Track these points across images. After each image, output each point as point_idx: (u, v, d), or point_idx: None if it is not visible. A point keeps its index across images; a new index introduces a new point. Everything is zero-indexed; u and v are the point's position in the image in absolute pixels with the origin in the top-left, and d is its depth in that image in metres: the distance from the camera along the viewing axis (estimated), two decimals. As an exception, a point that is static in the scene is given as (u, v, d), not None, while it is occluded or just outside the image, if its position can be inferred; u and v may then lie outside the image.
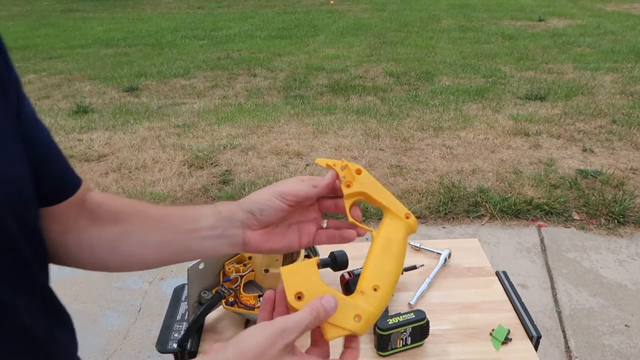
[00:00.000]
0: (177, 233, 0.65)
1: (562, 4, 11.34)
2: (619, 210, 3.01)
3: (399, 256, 0.61)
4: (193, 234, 0.65)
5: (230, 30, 9.28)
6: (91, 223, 0.66)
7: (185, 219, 0.66)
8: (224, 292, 1.06)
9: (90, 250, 0.66)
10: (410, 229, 0.63)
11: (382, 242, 0.61)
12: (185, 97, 5.49)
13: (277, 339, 0.48)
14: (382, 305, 0.57)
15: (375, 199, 0.63)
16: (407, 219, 0.62)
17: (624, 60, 6.37)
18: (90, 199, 0.67)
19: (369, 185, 0.63)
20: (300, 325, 0.50)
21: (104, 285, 2.56)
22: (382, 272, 0.59)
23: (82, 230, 0.66)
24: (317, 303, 0.52)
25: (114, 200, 0.69)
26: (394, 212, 0.62)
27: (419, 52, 7.12)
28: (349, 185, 0.62)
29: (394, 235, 0.61)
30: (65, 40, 8.88)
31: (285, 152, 3.89)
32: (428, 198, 3.21)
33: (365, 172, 0.63)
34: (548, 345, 2.14)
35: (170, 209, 0.68)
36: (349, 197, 0.63)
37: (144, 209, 0.68)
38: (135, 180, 3.55)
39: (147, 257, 0.67)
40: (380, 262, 0.60)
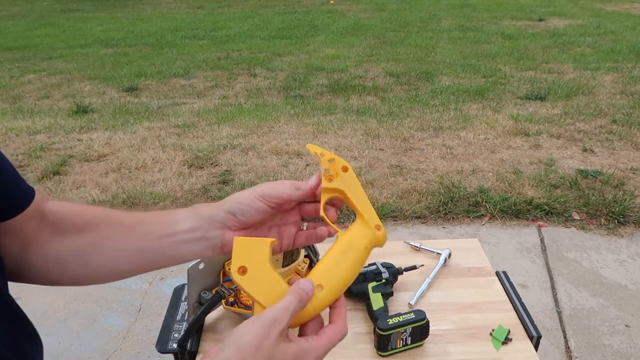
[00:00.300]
0: (151, 240, 0.63)
1: (562, 4, 11.34)
2: (619, 210, 3.01)
3: (354, 263, 0.59)
4: (168, 239, 0.62)
5: (230, 30, 9.28)
6: (55, 234, 0.63)
7: (160, 225, 0.63)
8: (224, 292, 1.06)
9: (57, 263, 0.63)
10: (377, 241, 0.61)
11: (342, 245, 0.60)
12: (185, 97, 5.49)
13: (270, 329, 0.49)
14: (321, 306, 0.56)
15: (352, 201, 0.61)
16: (377, 231, 0.61)
17: (624, 60, 6.37)
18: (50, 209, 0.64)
19: (350, 186, 0.61)
20: (288, 310, 0.51)
21: (104, 285, 2.54)
22: (332, 273, 0.58)
23: (46, 243, 0.63)
24: (296, 287, 0.54)
25: (79, 208, 0.66)
26: (365, 219, 0.61)
27: (419, 52, 7.12)
28: (330, 180, 0.61)
29: (357, 242, 0.60)
30: (65, 40, 8.88)
31: (285, 152, 3.89)
32: (428, 198, 3.21)
33: (352, 171, 0.62)
34: (548, 346, 2.14)
35: (143, 214, 0.65)
36: (326, 191, 0.61)
37: (113, 217, 0.65)
38: (135, 180, 3.55)
39: (120, 267, 0.65)
40: (333, 263, 0.58)
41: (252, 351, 0.48)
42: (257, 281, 0.54)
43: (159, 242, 0.63)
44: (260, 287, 0.54)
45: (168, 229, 0.63)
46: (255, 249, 0.55)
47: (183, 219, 0.63)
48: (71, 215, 0.65)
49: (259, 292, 0.54)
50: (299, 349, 0.52)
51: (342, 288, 0.58)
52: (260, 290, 0.54)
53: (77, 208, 0.67)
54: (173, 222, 0.63)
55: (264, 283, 0.54)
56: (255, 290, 0.54)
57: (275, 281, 0.55)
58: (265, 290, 0.54)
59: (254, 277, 0.54)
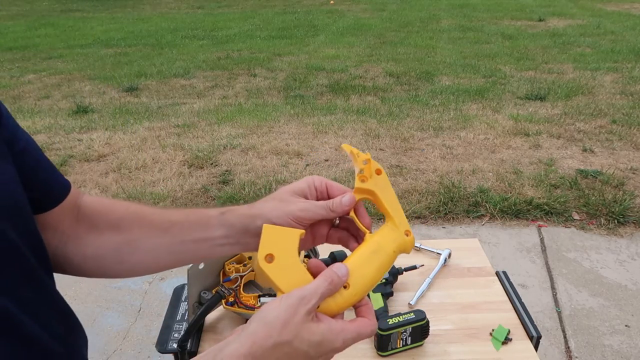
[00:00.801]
0: (185, 242, 0.64)
1: (562, 4, 11.34)
2: (619, 210, 3.01)
3: (382, 266, 0.58)
4: (204, 243, 0.63)
5: (230, 30, 9.28)
6: (91, 231, 0.65)
7: (192, 228, 0.64)
8: (224, 292, 1.06)
9: (95, 259, 0.66)
10: (404, 247, 0.61)
11: (372, 246, 0.59)
12: (185, 97, 5.49)
13: (298, 307, 0.49)
14: (345, 305, 0.55)
15: (383, 204, 0.61)
16: (406, 237, 0.61)
17: (624, 60, 6.37)
18: (85, 205, 0.66)
19: (382, 188, 0.61)
20: (317, 291, 0.51)
21: (104, 285, 2.55)
22: (359, 273, 0.57)
23: (83, 239, 0.65)
24: (329, 271, 0.53)
25: (112, 204, 0.68)
26: (396, 223, 0.61)
27: (419, 52, 7.12)
28: (363, 180, 0.61)
29: (386, 244, 0.59)
30: (65, 40, 8.88)
31: (285, 152, 3.89)
32: (428, 198, 3.21)
33: (385, 175, 0.62)
34: (548, 346, 2.14)
35: (174, 215, 0.66)
36: (358, 192, 0.61)
37: (145, 215, 0.67)
38: (135, 180, 3.55)
39: (156, 265, 0.67)
40: (362, 263, 0.58)
41: (278, 327, 0.48)
42: (283, 270, 0.54)
43: (193, 245, 0.64)
44: (286, 276, 0.54)
45: (200, 234, 0.63)
46: (284, 238, 0.55)
47: (214, 226, 0.63)
48: (105, 212, 0.67)
49: (285, 281, 0.53)
50: (328, 329, 0.51)
51: (367, 289, 0.57)
52: (286, 279, 0.53)
53: (110, 204, 0.69)
54: (205, 227, 0.63)
55: (290, 273, 0.54)
56: (280, 279, 0.53)
57: (302, 272, 0.54)
58: (291, 280, 0.53)
59: (280, 266, 0.54)
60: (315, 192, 0.61)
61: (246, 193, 3.28)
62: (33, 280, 0.54)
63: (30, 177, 0.58)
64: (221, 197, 3.27)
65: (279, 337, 0.48)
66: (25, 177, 0.56)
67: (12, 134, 0.57)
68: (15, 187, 0.52)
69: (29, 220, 0.55)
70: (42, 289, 0.56)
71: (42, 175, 0.61)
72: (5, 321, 0.48)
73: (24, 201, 0.54)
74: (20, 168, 0.56)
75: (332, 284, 0.52)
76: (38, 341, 0.52)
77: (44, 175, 0.61)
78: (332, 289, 0.53)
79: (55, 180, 0.63)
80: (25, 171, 0.57)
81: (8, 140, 0.55)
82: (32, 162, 0.59)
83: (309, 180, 0.62)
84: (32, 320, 0.52)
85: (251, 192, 3.29)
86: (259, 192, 3.29)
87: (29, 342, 0.51)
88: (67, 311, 0.62)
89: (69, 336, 0.61)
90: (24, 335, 0.50)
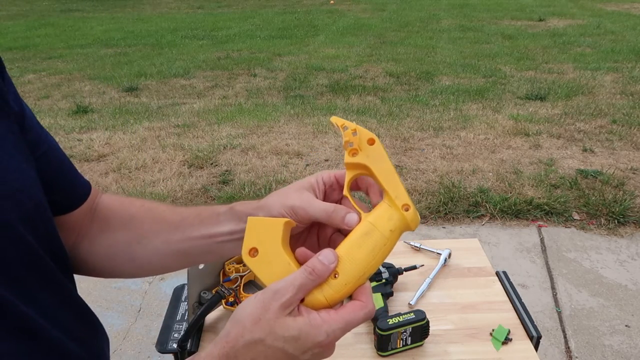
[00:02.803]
0: (195, 239, 0.63)
1: (562, 4, 11.34)
2: (619, 211, 3.01)
3: (378, 249, 0.52)
4: (211, 239, 0.62)
5: (230, 30, 9.28)
6: (103, 230, 0.65)
7: (201, 225, 0.63)
8: (224, 292, 1.06)
9: (106, 258, 0.66)
10: (405, 224, 0.53)
11: (365, 227, 0.53)
12: (185, 97, 5.48)
13: (270, 302, 0.47)
14: (337, 297, 0.50)
15: (378, 178, 0.54)
16: (404, 211, 0.53)
17: (624, 60, 6.37)
18: (102, 204, 0.66)
19: (376, 160, 0.54)
20: (294, 283, 0.47)
21: (104, 285, 2.55)
22: (349, 259, 0.51)
23: (96, 238, 0.65)
24: (313, 259, 0.49)
25: (125, 202, 0.68)
26: (392, 198, 0.53)
27: (419, 52, 7.12)
28: (354, 154, 0.54)
29: (382, 224, 0.53)
30: (64, 40, 8.88)
31: (285, 152, 3.89)
32: (428, 198, 3.21)
33: (379, 144, 0.55)
34: (548, 346, 2.14)
35: (184, 211, 0.66)
36: (350, 167, 0.55)
37: (157, 212, 0.67)
38: (135, 180, 3.55)
39: (166, 262, 0.66)
40: (352, 247, 0.52)
41: (249, 324, 0.46)
42: (268, 264, 0.50)
43: (203, 241, 0.63)
44: (270, 270, 0.50)
45: (210, 229, 0.63)
46: (268, 229, 0.52)
47: (223, 221, 0.62)
48: (119, 210, 0.67)
49: (269, 275, 0.50)
50: (307, 324, 0.47)
51: (361, 277, 0.51)
52: (270, 273, 0.50)
53: (124, 202, 0.68)
54: (214, 223, 0.63)
55: (275, 266, 0.50)
56: (264, 273, 0.50)
57: (285, 264, 0.50)
58: (275, 273, 0.50)
59: (264, 260, 0.51)
60: (324, 187, 0.59)
61: (246, 193, 3.28)
62: (52, 284, 0.53)
63: (53, 179, 0.58)
64: (221, 197, 3.27)
65: (251, 334, 0.46)
66: (48, 180, 0.56)
67: (37, 136, 0.57)
68: (36, 191, 0.52)
69: (49, 224, 0.55)
70: (61, 292, 0.56)
71: (65, 177, 0.61)
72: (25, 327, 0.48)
73: (45, 205, 0.54)
74: (44, 170, 0.55)
75: (314, 273, 0.48)
76: (58, 345, 0.52)
77: (66, 177, 0.61)
78: (314, 279, 0.48)
79: (77, 182, 0.63)
80: (48, 173, 0.57)
81: (32, 143, 0.55)
82: (55, 164, 0.59)
83: (318, 175, 0.60)
84: (52, 324, 0.51)
85: (251, 192, 3.29)
86: (259, 192, 3.29)
87: (49, 347, 0.51)
88: (88, 313, 0.62)
89: (90, 338, 0.60)
90: (43, 340, 0.50)
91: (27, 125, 0.55)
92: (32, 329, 0.48)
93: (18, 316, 0.47)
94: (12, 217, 0.46)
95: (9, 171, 0.48)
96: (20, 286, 0.48)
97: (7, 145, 0.49)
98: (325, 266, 0.49)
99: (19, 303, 0.47)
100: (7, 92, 0.53)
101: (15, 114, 0.53)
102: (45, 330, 0.50)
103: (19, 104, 0.54)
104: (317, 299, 0.49)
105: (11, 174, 0.48)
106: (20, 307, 0.47)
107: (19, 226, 0.47)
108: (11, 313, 0.46)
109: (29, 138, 0.55)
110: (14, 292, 0.46)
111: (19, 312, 0.47)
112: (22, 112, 0.55)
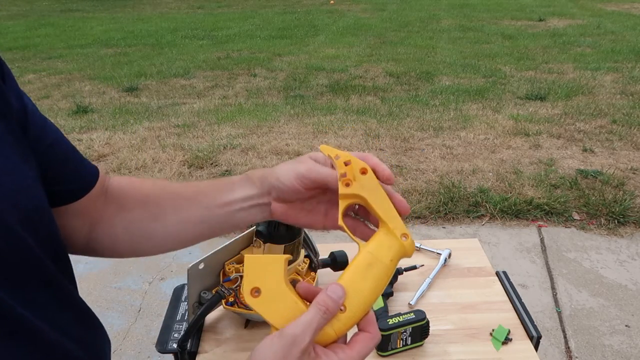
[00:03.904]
0: (212, 208, 0.63)
1: (562, 4, 11.34)
2: (619, 211, 3.01)
3: (381, 279, 0.53)
4: (228, 207, 0.63)
5: (230, 30, 9.28)
6: (119, 211, 0.66)
7: (218, 192, 0.64)
8: (224, 292, 1.05)
9: (125, 238, 0.66)
10: (404, 252, 0.55)
11: (366, 258, 0.54)
12: (185, 97, 5.49)
13: (292, 348, 0.46)
14: (344, 329, 0.51)
15: (374, 208, 0.55)
16: (404, 240, 0.54)
17: (624, 60, 6.37)
18: (113, 186, 0.67)
19: (370, 190, 0.55)
20: (310, 327, 0.47)
21: (104, 285, 2.56)
22: (355, 293, 0.51)
23: (112, 220, 0.65)
24: (322, 296, 0.49)
25: (139, 182, 0.69)
26: (390, 228, 0.55)
27: (419, 52, 7.12)
28: (347, 184, 0.55)
29: (382, 254, 0.54)
30: (64, 40, 8.88)
31: (285, 152, 3.89)
32: (428, 198, 3.21)
33: (372, 174, 0.56)
34: (548, 346, 2.14)
35: (199, 184, 0.67)
36: (344, 197, 0.55)
37: (172, 189, 0.67)
38: (135, 180, 3.55)
39: (184, 237, 0.66)
40: (357, 280, 0.52)
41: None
42: (272, 303, 0.50)
43: (218, 210, 0.63)
44: (276, 309, 0.49)
45: (225, 197, 0.63)
46: (268, 268, 0.50)
47: (238, 188, 0.63)
48: (132, 191, 0.67)
49: (275, 315, 0.49)
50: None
51: (366, 308, 0.52)
52: (276, 313, 0.49)
53: (137, 182, 0.69)
54: (229, 190, 0.63)
55: (280, 305, 0.50)
56: (270, 313, 0.49)
57: (292, 302, 0.50)
58: (282, 313, 0.49)
59: (268, 299, 0.50)
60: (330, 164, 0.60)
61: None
62: (53, 286, 0.53)
63: (59, 170, 0.58)
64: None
65: None
66: (55, 171, 0.56)
67: (40, 130, 0.56)
68: (36, 192, 0.52)
69: (50, 225, 0.54)
70: (62, 293, 0.55)
71: (71, 166, 0.61)
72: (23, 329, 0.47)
73: (45, 205, 0.53)
74: (50, 162, 0.56)
75: (327, 312, 0.48)
76: (58, 348, 0.52)
77: (72, 166, 0.61)
78: (327, 317, 0.49)
79: (84, 168, 0.63)
80: (55, 164, 0.57)
81: (36, 138, 0.55)
82: (61, 155, 0.59)
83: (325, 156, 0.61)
84: (52, 326, 0.51)
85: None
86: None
87: (49, 350, 0.51)
88: (89, 314, 0.62)
89: (90, 339, 0.60)
90: (43, 343, 0.50)
91: (29, 120, 0.55)
92: (31, 331, 0.48)
93: (16, 319, 0.46)
94: (11, 219, 0.46)
95: (6, 173, 0.47)
96: (19, 288, 0.47)
97: (4, 147, 0.49)
98: (335, 302, 0.49)
99: (18, 305, 0.46)
100: (8, 90, 0.52)
101: (16, 111, 0.53)
102: (45, 332, 0.50)
103: (20, 100, 0.54)
104: (328, 334, 0.50)
105: (8, 176, 0.47)
106: (18, 310, 0.46)
107: (18, 228, 0.47)
108: (9, 315, 0.46)
109: (32, 133, 0.54)
110: (13, 295, 0.46)
111: (17, 314, 0.46)
112: (24, 108, 0.54)
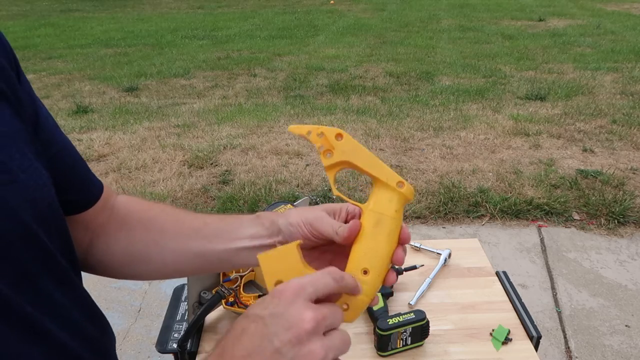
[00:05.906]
0: (215, 241, 0.63)
1: (562, 4, 11.34)
2: (619, 211, 3.01)
3: (392, 232, 0.53)
4: (232, 244, 0.62)
5: (230, 30, 9.28)
6: (121, 229, 0.65)
7: (226, 225, 0.63)
8: (224, 292, 1.06)
9: (123, 258, 0.65)
10: (405, 199, 0.54)
11: (372, 217, 0.54)
12: (185, 97, 5.48)
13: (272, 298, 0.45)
14: (373, 291, 0.52)
15: (362, 168, 0.55)
16: (400, 188, 0.54)
17: (624, 60, 6.37)
18: (120, 204, 0.67)
19: (352, 152, 0.55)
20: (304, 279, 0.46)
21: (104, 285, 2.55)
22: (373, 252, 0.52)
23: (112, 237, 0.65)
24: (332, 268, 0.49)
25: (146, 205, 0.68)
26: (384, 181, 0.54)
27: (419, 52, 7.12)
28: (329, 154, 0.55)
29: (386, 208, 0.53)
30: (64, 40, 8.88)
31: (285, 152, 3.89)
32: (428, 198, 3.21)
33: (347, 136, 0.55)
34: (548, 346, 2.14)
35: (207, 217, 0.66)
36: (331, 167, 0.55)
37: (178, 217, 0.66)
38: (135, 180, 3.55)
39: (181, 267, 0.65)
40: (370, 241, 0.53)
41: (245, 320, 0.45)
42: None
43: (221, 245, 0.62)
44: None
45: (232, 233, 0.62)
46: (283, 258, 0.51)
47: (247, 225, 0.62)
48: (138, 211, 0.67)
49: None
50: None
51: (387, 264, 0.53)
52: None
53: (145, 204, 0.68)
54: (237, 226, 0.62)
55: None
56: None
57: None
58: None
59: None
60: (346, 216, 0.59)
61: (246, 193, 3.28)
62: (65, 284, 0.53)
63: (66, 178, 0.58)
64: (221, 197, 3.27)
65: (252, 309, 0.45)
66: (61, 179, 0.56)
67: (50, 135, 0.57)
68: (49, 190, 0.52)
69: (61, 223, 0.55)
70: (73, 292, 0.55)
71: (78, 176, 0.61)
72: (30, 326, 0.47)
73: (57, 204, 0.54)
74: (57, 169, 0.55)
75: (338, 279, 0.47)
76: (68, 347, 0.52)
77: (79, 176, 0.61)
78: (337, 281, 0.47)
79: (90, 181, 0.63)
80: (61, 173, 0.57)
81: (45, 142, 0.55)
82: (68, 164, 0.59)
83: (343, 204, 0.60)
84: (62, 325, 0.51)
85: (251, 192, 3.29)
86: (259, 192, 3.29)
87: (59, 349, 0.51)
88: (97, 313, 0.62)
89: (98, 337, 0.60)
90: (54, 342, 0.50)
91: (41, 124, 0.55)
92: (43, 331, 0.48)
93: (24, 316, 0.46)
94: (26, 215, 0.46)
95: (22, 169, 0.47)
96: (34, 285, 0.48)
97: (20, 144, 0.49)
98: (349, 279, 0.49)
99: (28, 303, 0.46)
100: (23, 91, 0.53)
101: (29, 114, 0.53)
102: (53, 330, 0.50)
103: (33, 104, 0.55)
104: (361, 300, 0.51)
105: (25, 173, 0.47)
106: (26, 308, 0.46)
107: (33, 225, 0.47)
108: (20, 312, 0.46)
109: (42, 137, 0.54)
110: (26, 292, 0.46)
111: (26, 312, 0.46)
112: (36, 111, 0.55)
